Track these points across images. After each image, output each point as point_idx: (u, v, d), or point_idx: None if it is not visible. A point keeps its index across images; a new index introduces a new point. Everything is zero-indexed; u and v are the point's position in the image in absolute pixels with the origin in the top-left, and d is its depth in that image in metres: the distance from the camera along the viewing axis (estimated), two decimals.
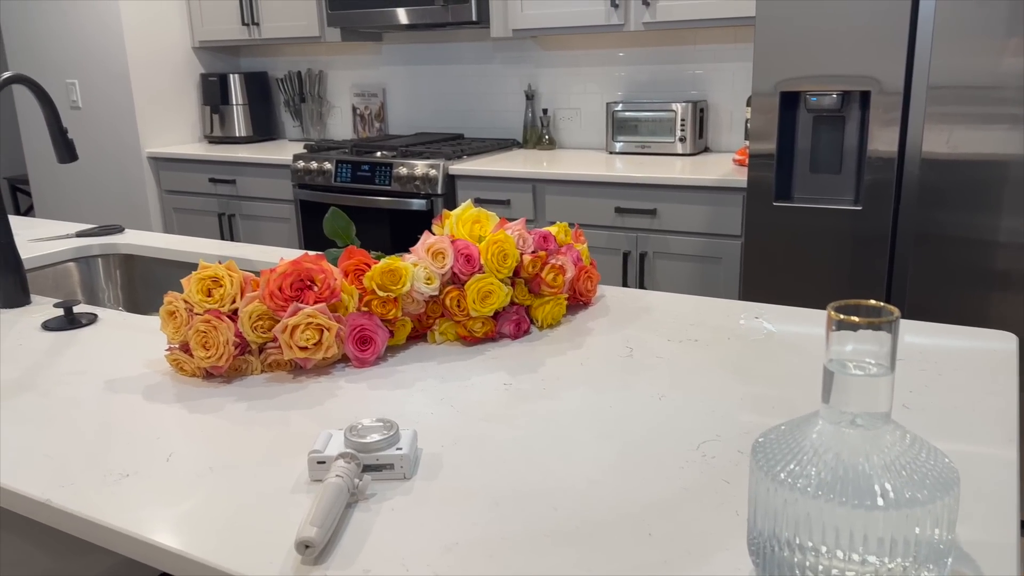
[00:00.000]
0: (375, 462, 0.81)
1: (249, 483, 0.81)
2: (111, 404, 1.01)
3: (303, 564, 0.68)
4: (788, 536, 0.58)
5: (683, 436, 0.88)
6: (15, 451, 0.89)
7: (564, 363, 1.09)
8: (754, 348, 1.12)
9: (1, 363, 1.16)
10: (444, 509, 0.75)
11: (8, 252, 1.41)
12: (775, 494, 0.57)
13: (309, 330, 1.06)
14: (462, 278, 1.17)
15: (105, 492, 0.80)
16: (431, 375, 1.07)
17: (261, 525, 0.74)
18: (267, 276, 1.08)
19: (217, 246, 1.85)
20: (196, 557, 0.70)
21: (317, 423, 0.94)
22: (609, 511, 0.74)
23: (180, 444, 0.90)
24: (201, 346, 1.05)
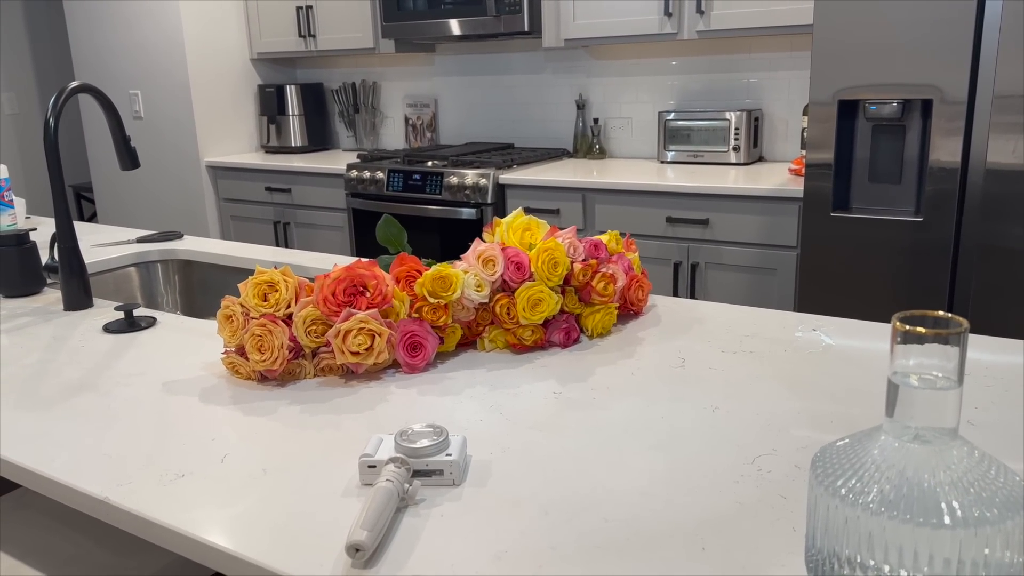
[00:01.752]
0: (425, 467, 0.81)
1: (301, 486, 0.82)
2: (169, 405, 1.03)
3: (353, 568, 0.68)
4: (849, 554, 0.56)
5: (738, 449, 0.86)
6: (76, 449, 0.91)
7: (614, 373, 1.08)
8: (811, 361, 1.10)
9: (64, 363, 1.19)
10: (493, 517, 0.75)
11: (72, 256, 1.45)
12: (835, 510, 0.56)
13: (361, 335, 1.06)
14: (512, 286, 1.16)
15: (161, 491, 0.82)
16: (480, 382, 1.07)
17: (312, 528, 0.74)
18: (321, 282, 1.10)
19: (272, 252, 1.88)
20: (248, 558, 0.71)
21: (368, 428, 0.95)
22: (661, 524, 0.73)
23: (235, 446, 0.91)
24: (256, 349, 1.07)
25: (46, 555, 1.07)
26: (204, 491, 0.81)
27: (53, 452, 0.91)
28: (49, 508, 1.20)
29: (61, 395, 1.07)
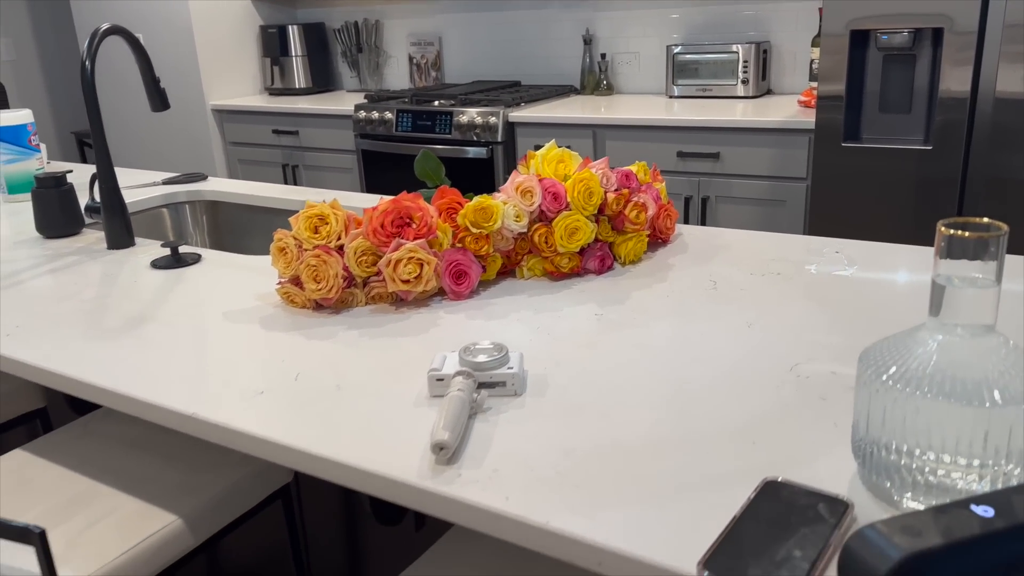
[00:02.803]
0: (489, 380, 0.87)
1: (374, 399, 0.88)
2: (232, 332, 1.09)
3: (437, 464, 0.75)
4: (896, 441, 0.63)
5: (776, 360, 0.92)
6: (152, 375, 0.98)
7: (650, 296, 1.14)
8: (837, 280, 1.16)
9: (121, 298, 1.25)
10: (556, 421, 0.82)
11: (114, 196, 1.50)
12: (883, 395, 0.62)
13: (411, 264, 1.12)
14: (549, 215, 1.22)
15: (243, 406, 0.88)
16: (523, 307, 1.13)
17: (391, 433, 0.81)
18: (370, 214, 1.15)
19: (298, 192, 1.92)
20: (337, 459, 0.77)
21: (425, 348, 1.01)
22: (712, 423, 0.80)
23: (304, 366, 0.97)
24: (312, 279, 1.13)
25: (120, 475, 1.15)
26: (284, 405, 0.88)
27: (133, 376, 0.97)
28: (115, 433, 1.27)
29: (127, 326, 1.13)
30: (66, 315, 1.19)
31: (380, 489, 0.75)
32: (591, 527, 0.65)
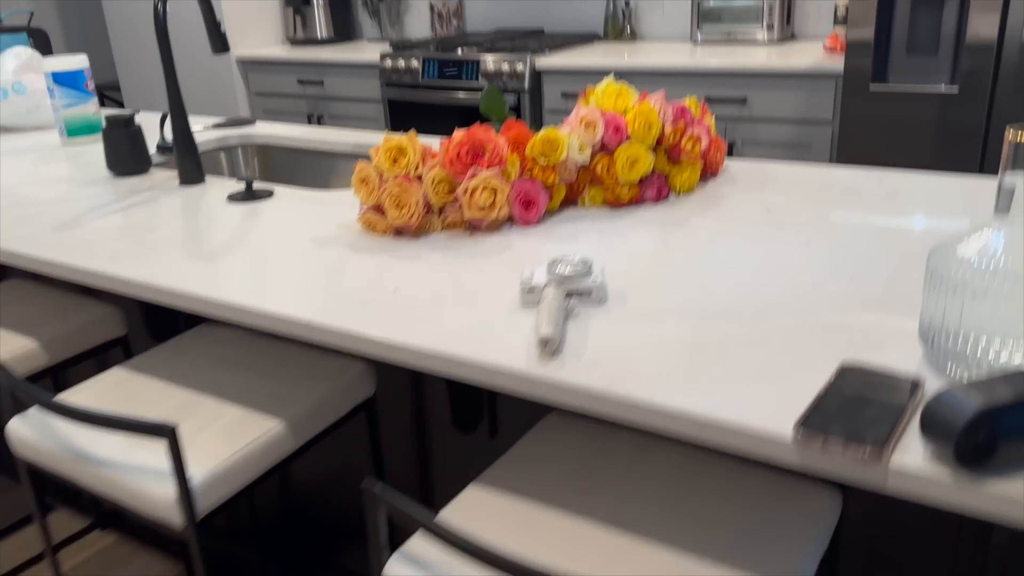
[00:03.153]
0: (576, 289, 0.96)
1: (471, 308, 0.97)
2: (323, 255, 1.18)
3: (542, 357, 0.84)
4: (964, 328, 0.71)
5: (835, 270, 1.01)
6: (260, 290, 1.07)
7: (708, 220, 1.23)
8: (886, 203, 1.24)
9: (208, 227, 1.33)
10: (643, 323, 0.91)
11: (186, 136, 1.57)
12: (951, 285, 0.71)
13: (485, 192, 1.20)
14: (611, 147, 1.29)
15: (352, 314, 0.97)
16: (589, 232, 1.21)
17: (495, 336, 0.90)
18: (446, 145, 1.22)
19: (345, 134, 1.99)
20: (459, 356, 0.87)
21: (505, 268, 1.09)
22: (787, 319, 0.88)
23: (401, 281, 1.06)
24: (395, 206, 1.21)
25: (218, 388, 1.25)
26: (389, 312, 0.97)
27: (244, 292, 1.06)
28: (205, 353, 1.36)
29: (223, 250, 1.22)
30: (161, 242, 1.27)
31: (497, 380, 0.84)
32: (692, 402, 0.74)
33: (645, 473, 0.98)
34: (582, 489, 0.96)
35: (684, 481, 0.97)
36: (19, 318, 1.56)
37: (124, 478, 1.07)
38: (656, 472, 0.99)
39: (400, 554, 0.89)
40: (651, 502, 0.93)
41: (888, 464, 0.65)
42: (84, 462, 1.11)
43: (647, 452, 1.03)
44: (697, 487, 0.95)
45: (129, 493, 1.07)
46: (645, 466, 1.00)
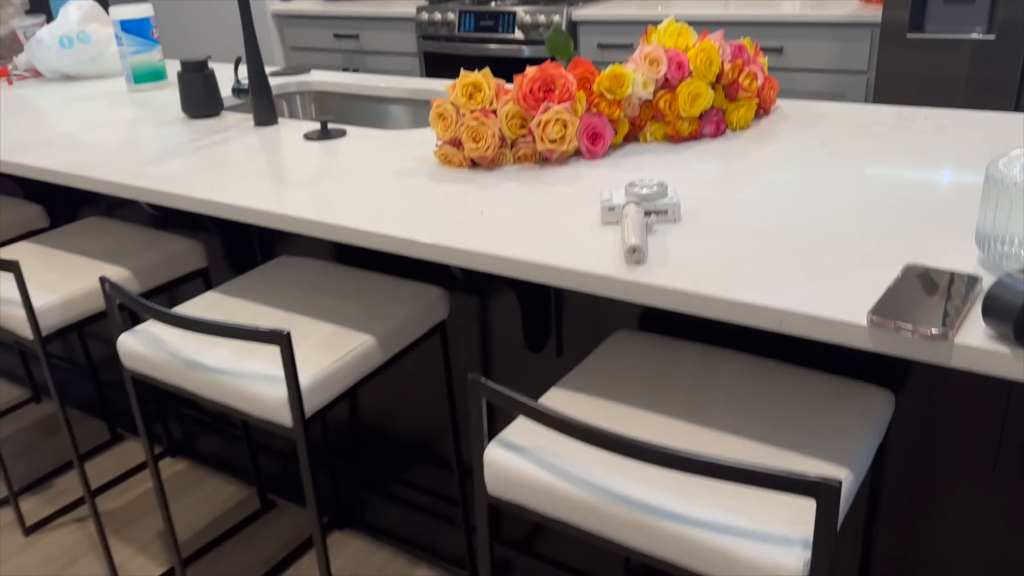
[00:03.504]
0: (653, 208, 1.05)
1: (554, 226, 1.06)
2: (406, 185, 1.27)
3: (629, 264, 0.93)
4: (1017, 233, 0.80)
5: (890, 191, 1.09)
6: (357, 212, 1.16)
7: (766, 153, 1.30)
8: (933, 136, 1.31)
9: (292, 161, 1.42)
10: (717, 237, 0.99)
11: (261, 78, 1.65)
12: (1005, 195, 0.79)
13: (556, 125, 1.28)
14: (673, 83, 1.37)
15: (446, 232, 1.07)
16: (653, 163, 1.30)
17: (582, 249, 0.99)
18: (519, 80, 1.30)
19: (397, 81, 2.07)
20: (556, 265, 0.96)
21: (578, 194, 1.18)
22: (850, 231, 0.97)
23: (486, 205, 1.15)
24: (471, 139, 1.30)
25: (308, 308, 1.35)
26: (479, 231, 1.06)
27: (342, 214, 1.16)
28: (292, 279, 1.46)
29: (311, 181, 1.31)
30: (251, 174, 1.37)
31: (590, 285, 0.93)
32: (770, 297, 0.84)
33: (711, 380, 1.08)
34: (653, 392, 1.06)
35: (749, 385, 1.06)
36: (107, 250, 1.66)
37: (235, 383, 1.18)
38: (721, 378, 1.08)
39: (497, 440, 0.99)
40: (719, 402, 1.03)
41: (953, 342, 0.74)
42: (195, 370, 1.22)
43: (711, 361, 1.12)
44: (761, 390, 1.05)
45: (240, 397, 1.18)
46: (711, 373, 1.09)
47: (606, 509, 0.89)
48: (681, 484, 0.89)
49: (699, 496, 0.87)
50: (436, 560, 1.74)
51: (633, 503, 0.87)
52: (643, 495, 0.88)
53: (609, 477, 0.91)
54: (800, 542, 0.80)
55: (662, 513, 0.86)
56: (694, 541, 0.83)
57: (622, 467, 0.92)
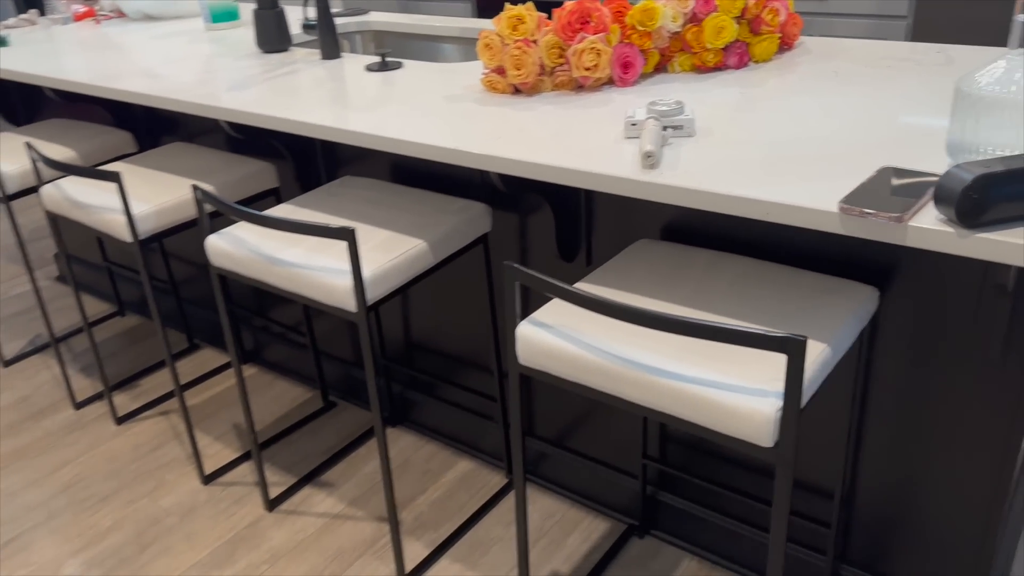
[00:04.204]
0: (671, 123, 1.20)
1: (583, 142, 1.22)
2: (455, 108, 1.43)
3: (644, 167, 1.09)
4: (979, 141, 0.93)
5: (888, 113, 1.21)
6: (414, 130, 1.33)
7: (784, 81, 1.43)
8: (941, 68, 1.42)
9: (356, 88, 1.60)
10: (725, 149, 1.14)
11: (327, 16, 1.82)
12: (970, 106, 0.92)
13: (591, 53, 1.43)
14: (700, 17, 1.49)
15: (489, 144, 1.23)
16: (680, 91, 1.43)
17: (607, 157, 1.15)
18: (558, 13, 1.45)
19: (452, 21, 2.22)
20: (577, 169, 1.12)
21: (609, 115, 1.33)
22: (846, 145, 1.10)
23: (524, 124, 1.31)
24: (514, 67, 1.45)
25: (368, 217, 1.53)
26: (518, 144, 1.22)
27: (402, 130, 1.33)
28: (354, 195, 1.65)
29: (373, 104, 1.49)
30: (321, 99, 1.54)
31: (611, 185, 1.09)
32: (760, 192, 0.98)
33: (717, 278, 1.23)
34: (664, 287, 1.22)
35: (749, 281, 1.21)
36: (191, 169, 1.87)
37: (308, 275, 1.38)
38: (726, 276, 1.24)
39: (528, 320, 1.17)
40: (721, 296, 1.19)
41: (908, 225, 0.88)
42: (274, 265, 1.42)
43: (719, 263, 1.28)
44: (760, 285, 1.20)
45: (312, 287, 1.38)
46: (717, 273, 1.25)
47: (617, 371, 1.06)
48: (679, 350, 1.05)
49: (694, 360, 1.03)
50: (477, 453, 1.95)
51: (639, 365, 1.04)
52: (647, 359, 1.05)
53: (620, 347, 1.08)
54: (774, 394, 0.96)
55: (662, 372, 1.03)
56: (688, 394, 1.00)
57: (631, 339, 1.09)
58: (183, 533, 1.78)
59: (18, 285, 3.00)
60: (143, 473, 1.97)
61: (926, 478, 1.32)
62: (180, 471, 1.97)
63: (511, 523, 1.75)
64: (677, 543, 1.66)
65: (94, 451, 2.06)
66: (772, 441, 0.96)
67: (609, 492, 1.74)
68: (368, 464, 1.95)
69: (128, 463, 2.01)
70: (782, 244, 1.33)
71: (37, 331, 2.67)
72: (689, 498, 1.63)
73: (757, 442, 0.97)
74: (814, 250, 1.30)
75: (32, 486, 1.95)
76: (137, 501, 1.88)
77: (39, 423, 2.19)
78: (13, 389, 2.35)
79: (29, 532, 1.81)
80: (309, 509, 1.82)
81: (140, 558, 1.72)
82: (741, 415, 0.96)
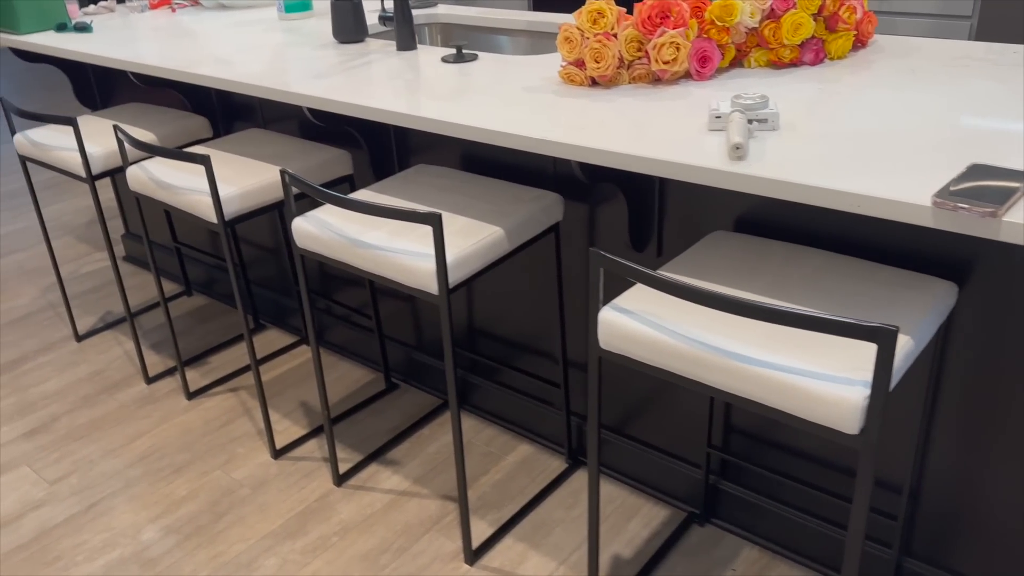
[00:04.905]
0: (755, 116, 1.22)
1: (667, 133, 1.25)
2: (536, 98, 1.47)
3: (731, 159, 1.12)
4: None
5: (973, 112, 1.23)
6: (503, 119, 1.37)
7: (861, 78, 1.45)
8: (1014, 68, 1.42)
9: (435, 79, 1.64)
10: (810, 143, 1.16)
11: (405, 8, 1.87)
12: None
13: (671, 48, 1.46)
14: (777, 13, 1.52)
15: (574, 134, 1.27)
16: (756, 85, 1.46)
17: (692, 148, 1.18)
18: (639, 8, 1.48)
19: (518, 14, 2.25)
20: (667, 159, 1.15)
21: (688, 108, 1.36)
22: (930, 140, 1.12)
23: (605, 116, 1.35)
24: (594, 60, 1.48)
25: (445, 205, 1.58)
26: (603, 134, 1.26)
27: (489, 119, 1.37)
28: (428, 183, 1.70)
29: (455, 94, 1.53)
30: (402, 88, 1.59)
31: (701, 176, 1.12)
32: (850, 184, 1.01)
33: (794, 270, 1.26)
34: (741, 278, 1.25)
35: (828, 274, 1.24)
36: (269, 154, 1.94)
37: (391, 257, 1.43)
38: (804, 269, 1.26)
39: (609, 305, 1.21)
40: (800, 287, 1.21)
41: (1002, 220, 0.90)
42: (357, 247, 1.48)
43: (796, 256, 1.30)
44: (838, 278, 1.23)
45: (395, 269, 1.43)
46: (794, 265, 1.27)
47: (701, 357, 1.09)
48: (763, 337, 1.08)
49: (776, 348, 1.06)
50: (536, 437, 1.99)
51: (724, 351, 1.08)
52: (732, 346, 1.08)
53: (703, 333, 1.11)
54: (861, 383, 0.99)
55: (748, 359, 1.06)
56: (774, 381, 1.03)
57: (713, 325, 1.12)
58: (256, 504, 1.85)
59: (86, 264, 3.12)
60: (215, 446, 2.05)
61: (994, 473, 1.34)
62: (250, 445, 2.04)
63: (572, 506, 1.79)
64: (738, 532, 1.69)
65: (167, 424, 2.15)
66: (858, 428, 0.99)
67: (669, 480, 1.78)
68: (431, 444, 2.01)
69: (200, 436, 2.09)
70: (857, 238, 1.35)
71: (107, 308, 2.77)
72: (750, 487, 1.66)
73: (843, 429, 1.00)
74: (889, 245, 1.32)
75: (109, 455, 2.04)
76: (210, 472, 1.96)
77: (113, 396, 2.28)
78: (87, 363, 2.45)
79: (108, 499, 1.90)
80: (376, 485, 1.88)
81: (216, 526, 1.79)
82: (829, 402, 0.99)
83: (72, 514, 1.85)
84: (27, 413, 2.22)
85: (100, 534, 1.79)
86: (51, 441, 2.10)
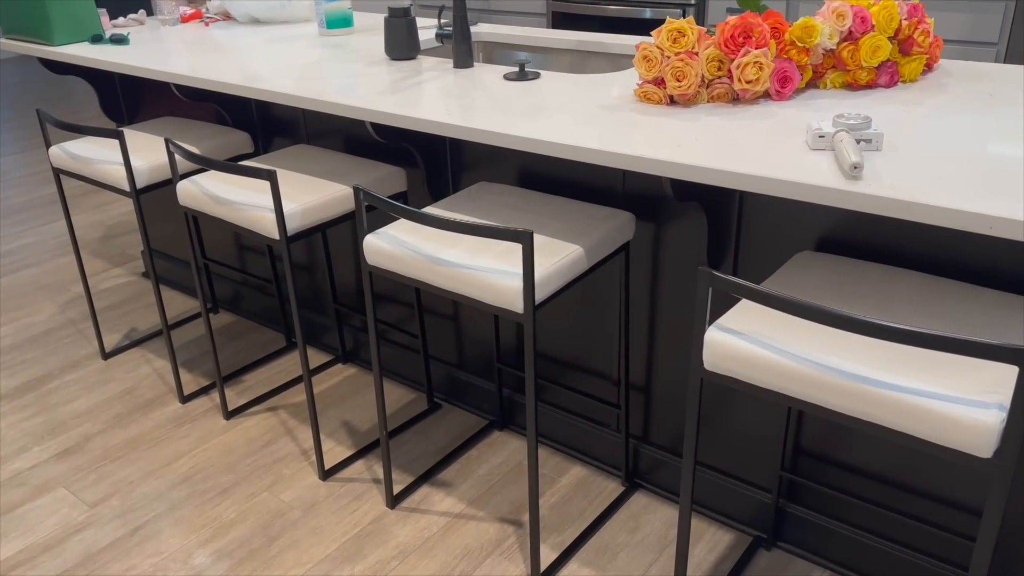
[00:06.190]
0: (860, 136, 1.22)
1: (765, 152, 1.24)
2: (615, 116, 1.46)
3: (847, 178, 1.11)
4: None
5: None
6: (590, 136, 1.36)
7: (939, 101, 1.45)
8: None
9: (498, 98, 1.63)
10: (919, 163, 1.16)
11: (464, 25, 1.86)
12: None
13: (754, 67, 1.46)
14: (855, 36, 1.52)
15: (671, 152, 1.25)
16: (837, 106, 1.46)
17: (799, 167, 1.17)
18: (721, 28, 1.48)
19: (565, 34, 2.25)
20: (782, 178, 1.14)
21: (776, 127, 1.35)
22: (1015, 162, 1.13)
23: (693, 134, 1.34)
24: (675, 78, 1.48)
25: (515, 223, 1.56)
26: (701, 152, 1.25)
27: (569, 136, 1.36)
28: (492, 200, 1.68)
29: (531, 111, 1.52)
30: (473, 106, 1.58)
31: (818, 196, 1.11)
32: (981, 206, 1.00)
33: (895, 292, 1.25)
34: (841, 300, 1.24)
35: (931, 296, 1.23)
36: (324, 171, 1.91)
37: (472, 275, 1.40)
38: (904, 291, 1.25)
39: (715, 325, 1.19)
40: (905, 309, 1.20)
41: None
42: (437, 264, 1.45)
43: (892, 278, 1.29)
44: (943, 300, 1.22)
45: (477, 287, 1.40)
46: (893, 287, 1.27)
47: (820, 379, 1.08)
48: (884, 359, 1.07)
49: (902, 369, 1.05)
50: (589, 459, 1.97)
51: (844, 373, 1.06)
52: (852, 368, 1.06)
53: (818, 353, 1.10)
54: (996, 405, 0.98)
55: (871, 381, 1.04)
56: (902, 403, 1.02)
57: (829, 346, 1.11)
58: (308, 527, 1.80)
59: (103, 281, 3.05)
60: (260, 467, 1.99)
61: None
62: (296, 466, 1.99)
63: (634, 530, 1.76)
64: (807, 555, 1.67)
65: (207, 444, 2.09)
66: (991, 452, 0.98)
67: (732, 503, 1.75)
68: (482, 466, 1.97)
69: (243, 457, 2.03)
70: (950, 259, 1.34)
71: (130, 325, 2.71)
72: (818, 510, 1.64)
73: (976, 453, 0.98)
74: (983, 267, 1.31)
75: (149, 476, 1.98)
76: (257, 495, 1.90)
77: (147, 415, 2.22)
78: (117, 381, 2.39)
79: (154, 522, 1.84)
80: (430, 507, 1.84)
81: (269, 550, 1.74)
82: (963, 425, 0.98)
83: (117, 538, 1.79)
84: (58, 433, 2.16)
85: (149, 558, 1.73)
86: (87, 462, 2.04)
